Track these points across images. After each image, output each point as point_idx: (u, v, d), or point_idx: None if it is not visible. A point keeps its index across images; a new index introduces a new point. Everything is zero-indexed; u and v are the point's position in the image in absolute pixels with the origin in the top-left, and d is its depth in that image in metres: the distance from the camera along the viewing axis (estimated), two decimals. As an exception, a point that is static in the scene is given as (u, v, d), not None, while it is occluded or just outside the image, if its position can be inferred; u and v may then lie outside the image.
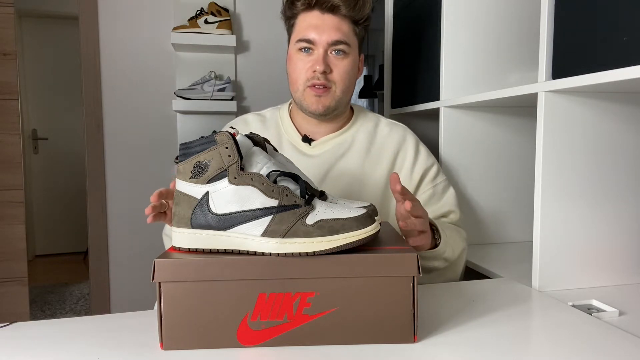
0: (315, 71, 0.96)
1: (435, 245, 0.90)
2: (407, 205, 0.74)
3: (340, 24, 0.96)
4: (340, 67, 0.97)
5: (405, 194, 0.79)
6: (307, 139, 1.04)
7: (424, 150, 1.08)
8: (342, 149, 1.04)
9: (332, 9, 0.95)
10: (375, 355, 0.59)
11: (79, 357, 0.60)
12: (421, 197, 1.05)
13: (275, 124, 1.08)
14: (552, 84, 0.85)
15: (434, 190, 1.06)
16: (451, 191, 1.08)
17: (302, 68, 0.98)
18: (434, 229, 0.91)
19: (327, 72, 0.96)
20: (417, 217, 0.80)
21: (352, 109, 1.11)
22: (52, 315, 2.72)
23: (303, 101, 1.00)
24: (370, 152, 1.04)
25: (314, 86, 0.97)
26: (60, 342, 0.64)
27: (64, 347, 0.63)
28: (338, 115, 1.04)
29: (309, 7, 0.96)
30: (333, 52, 0.97)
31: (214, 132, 0.64)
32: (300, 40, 0.97)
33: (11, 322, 0.71)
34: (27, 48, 3.79)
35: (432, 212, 1.05)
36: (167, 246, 1.04)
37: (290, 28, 1.02)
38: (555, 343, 0.64)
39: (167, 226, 1.07)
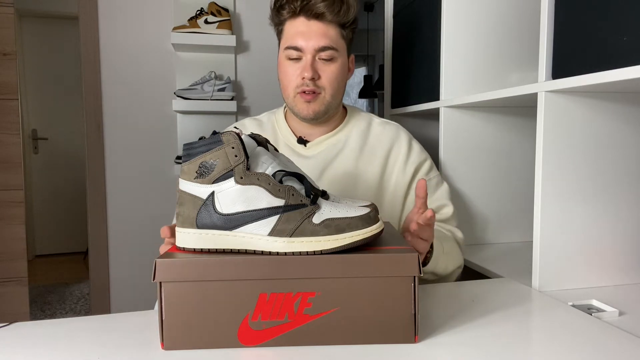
0: (304, 78, 0.97)
1: (425, 259, 0.90)
2: (429, 213, 0.74)
3: (327, 30, 0.97)
4: (329, 72, 0.99)
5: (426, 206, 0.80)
6: (302, 141, 1.06)
7: (416, 146, 1.09)
8: (337, 149, 1.06)
9: (317, 16, 0.96)
10: (376, 355, 0.59)
11: (79, 357, 0.60)
12: (414, 189, 1.05)
13: (272, 127, 1.11)
14: (552, 84, 0.85)
15: (427, 184, 1.05)
16: (445, 186, 1.09)
17: (292, 75, 0.99)
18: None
19: (315, 78, 0.98)
20: (425, 239, 0.81)
21: (345, 108, 1.12)
22: (52, 315, 2.72)
23: (294, 107, 1.02)
24: (364, 151, 1.06)
25: (304, 92, 0.99)
26: (60, 342, 0.64)
27: (64, 347, 0.63)
28: (330, 117, 1.06)
29: (295, 14, 0.98)
30: (321, 59, 0.98)
31: (214, 132, 0.64)
32: (288, 48, 0.99)
33: (11, 322, 0.71)
34: (27, 48, 3.79)
35: None
36: None
37: (279, 34, 1.04)
38: (555, 343, 0.64)
39: None
